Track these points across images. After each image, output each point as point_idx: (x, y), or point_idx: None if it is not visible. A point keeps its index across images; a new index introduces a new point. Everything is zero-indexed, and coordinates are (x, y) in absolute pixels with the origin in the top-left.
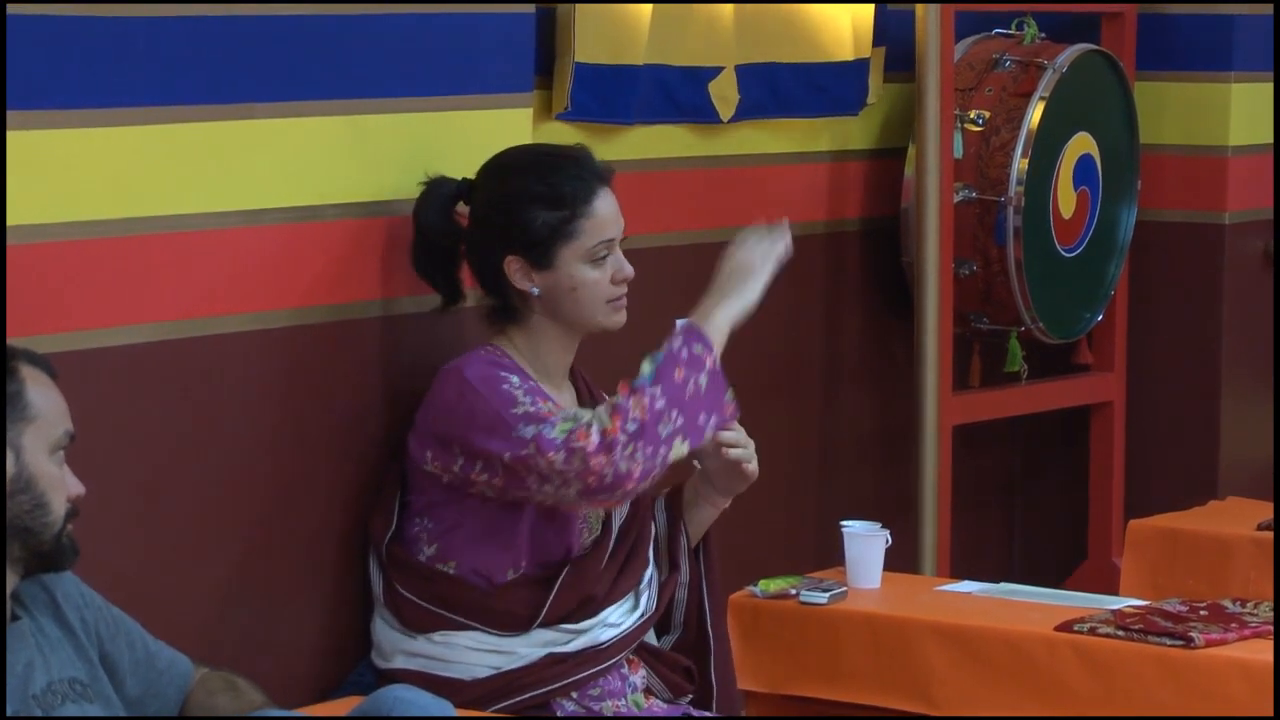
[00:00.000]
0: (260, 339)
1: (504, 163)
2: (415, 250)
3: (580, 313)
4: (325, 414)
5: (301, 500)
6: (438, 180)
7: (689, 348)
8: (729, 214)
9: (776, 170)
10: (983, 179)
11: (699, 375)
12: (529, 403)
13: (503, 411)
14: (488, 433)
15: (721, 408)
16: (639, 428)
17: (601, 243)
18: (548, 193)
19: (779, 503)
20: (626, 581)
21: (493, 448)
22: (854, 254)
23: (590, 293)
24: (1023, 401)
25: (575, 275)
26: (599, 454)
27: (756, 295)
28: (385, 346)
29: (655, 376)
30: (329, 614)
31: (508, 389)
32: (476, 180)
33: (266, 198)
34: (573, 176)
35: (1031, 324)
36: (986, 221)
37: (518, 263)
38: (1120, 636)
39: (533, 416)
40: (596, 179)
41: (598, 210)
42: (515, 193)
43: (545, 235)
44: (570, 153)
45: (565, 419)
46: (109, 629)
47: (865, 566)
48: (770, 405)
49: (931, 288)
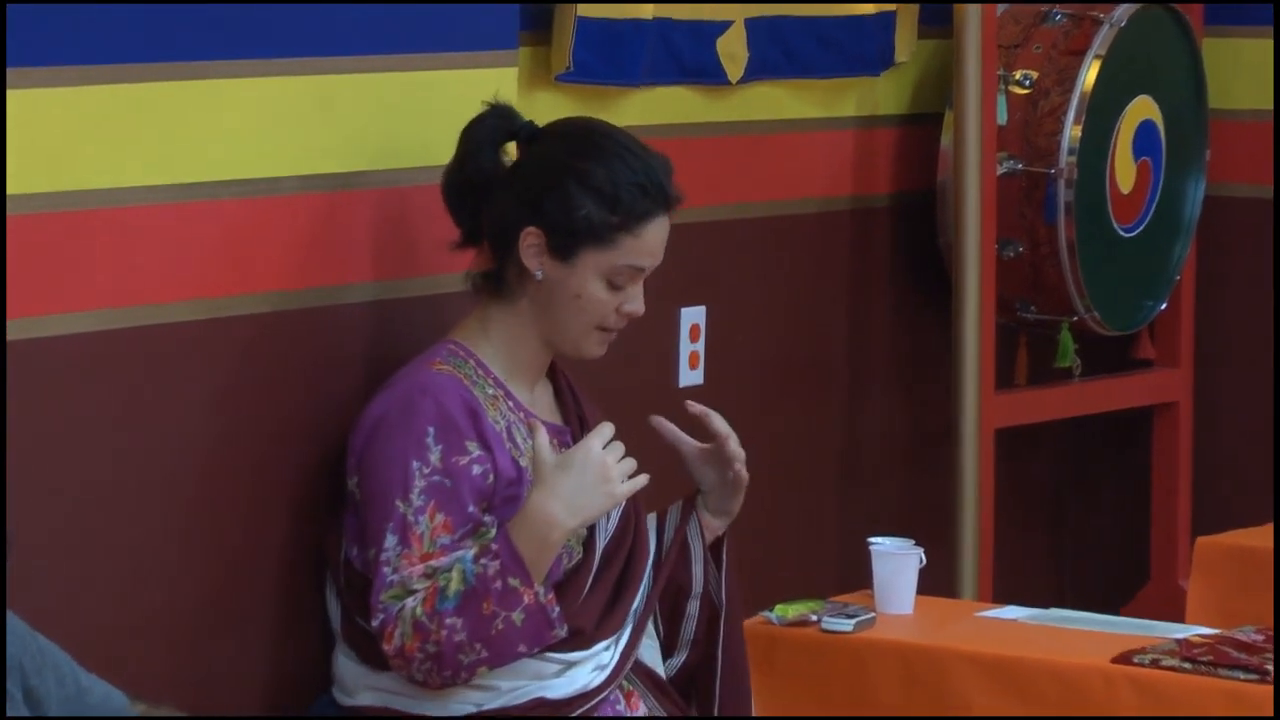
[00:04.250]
0: (211, 330)
1: (580, 130)
2: (450, 173)
3: (567, 325)
4: (285, 415)
5: (259, 513)
6: (503, 110)
7: (504, 578)
8: (741, 187)
9: (794, 138)
10: (1030, 148)
11: (512, 613)
12: (419, 501)
13: (390, 491)
14: (367, 498)
15: (546, 636)
16: (437, 652)
17: (631, 267)
18: (608, 188)
19: (797, 517)
20: (620, 610)
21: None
22: (883, 234)
23: (589, 311)
24: (1075, 402)
25: (586, 285)
26: (395, 658)
27: (601, 512)
28: (355, 339)
29: (459, 603)
30: (287, 640)
31: (415, 467)
32: (542, 130)
33: (216, 169)
34: (641, 186)
35: (1085, 313)
36: (1034, 197)
37: (536, 237)
38: (1187, 670)
39: (401, 530)
40: (662, 201)
41: (646, 234)
42: (576, 168)
43: (580, 228)
44: (653, 160)
45: (401, 585)
46: (34, 662)
47: (896, 589)
48: (787, 406)
49: (971, 272)
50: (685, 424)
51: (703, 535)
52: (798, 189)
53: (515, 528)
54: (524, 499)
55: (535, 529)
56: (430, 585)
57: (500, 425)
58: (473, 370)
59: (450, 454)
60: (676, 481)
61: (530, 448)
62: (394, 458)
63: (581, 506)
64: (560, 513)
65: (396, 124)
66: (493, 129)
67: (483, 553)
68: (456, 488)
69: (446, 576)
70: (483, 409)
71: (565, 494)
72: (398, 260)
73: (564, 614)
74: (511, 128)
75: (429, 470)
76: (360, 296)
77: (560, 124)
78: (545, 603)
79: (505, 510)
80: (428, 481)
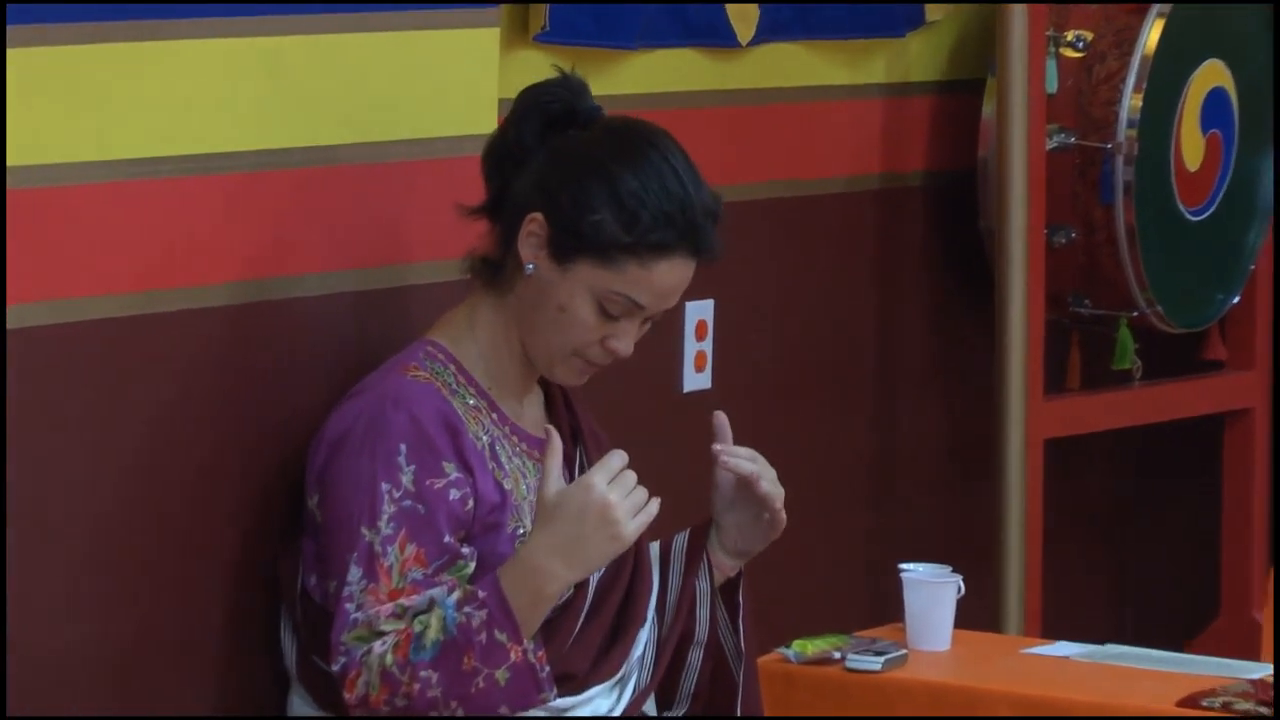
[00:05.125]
0: (152, 328)
1: (634, 132)
2: (493, 135)
3: (543, 336)
4: (239, 424)
5: (207, 534)
6: (574, 84)
7: (490, 631)
8: (753, 165)
9: (813, 108)
10: (1084, 120)
11: (496, 670)
12: (388, 529)
13: (355, 517)
14: (328, 522)
15: (533, 699)
16: (407, 707)
17: (626, 299)
18: (631, 203)
19: (818, 540)
20: (618, 652)
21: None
22: (916, 218)
23: (569, 331)
24: (1136, 408)
25: (574, 299)
26: (358, 708)
27: (605, 560)
28: (320, 337)
29: (437, 654)
30: (235, 678)
31: (383, 490)
32: (602, 118)
33: (156, 144)
34: (669, 215)
35: (1147, 308)
36: (1089, 175)
37: (540, 227)
38: (1263, 714)
39: (367, 561)
40: (690, 241)
41: (657, 271)
42: (607, 169)
43: (586, 233)
44: (700, 193)
45: (367, 626)
46: None
47: (931, 622)
48: (807, 416)
49: (1017, 262)
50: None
51: (711, 574)
52: (818, 167)
53: (507, 575)
54: (516, 535)
55: (529, 579)
56: (403, 629)
57: (483, 442)
58: (452, 377)
59: (424, 475)
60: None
61: (517, 468)
62: (360, 478)
63: (582, 556)
64: (556, 563)
65: (364, 91)
66: (549, 100)
67: (467, 599)
68: (431, 514)
69: (424, 621)
70: (463, 423)
71: (563, 541)
72: (369, 247)
73: (553, 657)
74: (573, 106)
75: (399, 494)
76: (326, 288)
77: (620, 119)
78: (535, 661)
79: (486, 540)
80: (398, 507)
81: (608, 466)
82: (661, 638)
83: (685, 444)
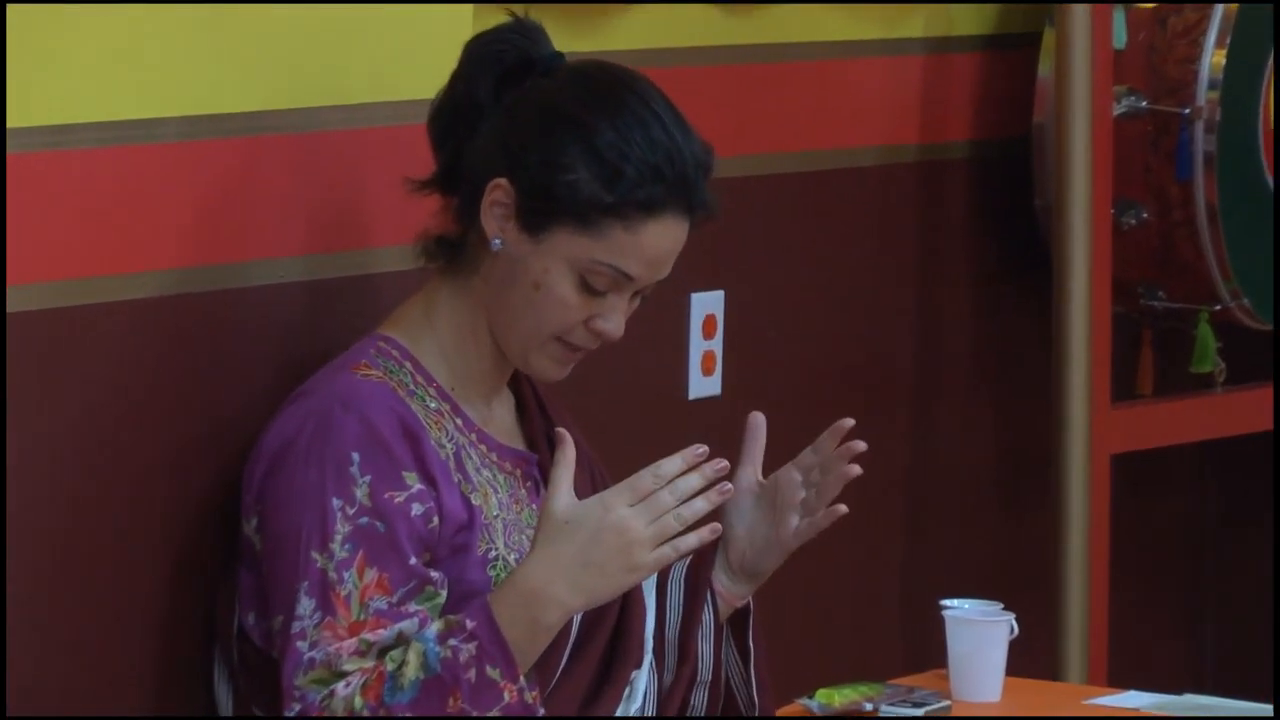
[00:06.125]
0: (70, 322)
1: (608, 77)
2: (441, 94)
3: (516, 321)
4: (170, 434)
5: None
6: (528, 27)
7: (481, 666)
8: (770, 133)
9: (841, 67)
10: (1157, 81)
11: (487, 712)
12: (343, 552)
13: (303, 540)
14: (271, 548)
15: None
16: None
17: (613, 269)
18: (613, 157)
19: (848, 572)
20: (609, 695)
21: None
22: (960, 194)
23: (546, 312)
24: (1218, 419)
25: (550, 274)
26: None
27: (617, 592)
28: (263, 333)
29: (418, 694)
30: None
31: (335, 507)
32: (565, 65)
33: (72, 109)
34: (657, 168)
35: (1231, 300)
36: (1163, 145)
37: (505, 194)
38: None
39: (320, 591)
40: (682, 197)
41: (647, 234)
42: (582, 120)
43: (561, 196)
44: (690, 143)
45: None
46: None
47: (978, 669)
48: None
49: (1079, 246)
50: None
51: (715, 604)
52: (846, 135)
53: (501, 601)
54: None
55: (526, 606)
56: (373, 667)
57: (446, 451)
58: (409, 377)
59: (382, 487)
60: None
61: (486, 481)
62: (306, 494)
63: (590, 584)
64: (560, 588)
65: (313, 47)
66: (501, 50)
67: (451, 631)
68: (392, 533)
69: (397, 658)
70: (423, 429)
71: (569, 563)
72: (320, 230)
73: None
74: (530, 53)
75: (354, 510)
76: (270, 276)
77: (588, 63)
78: (530, 702)
79: (452, 565)
80: (353, 525)
81: (634, 487)
82: (664, 686)
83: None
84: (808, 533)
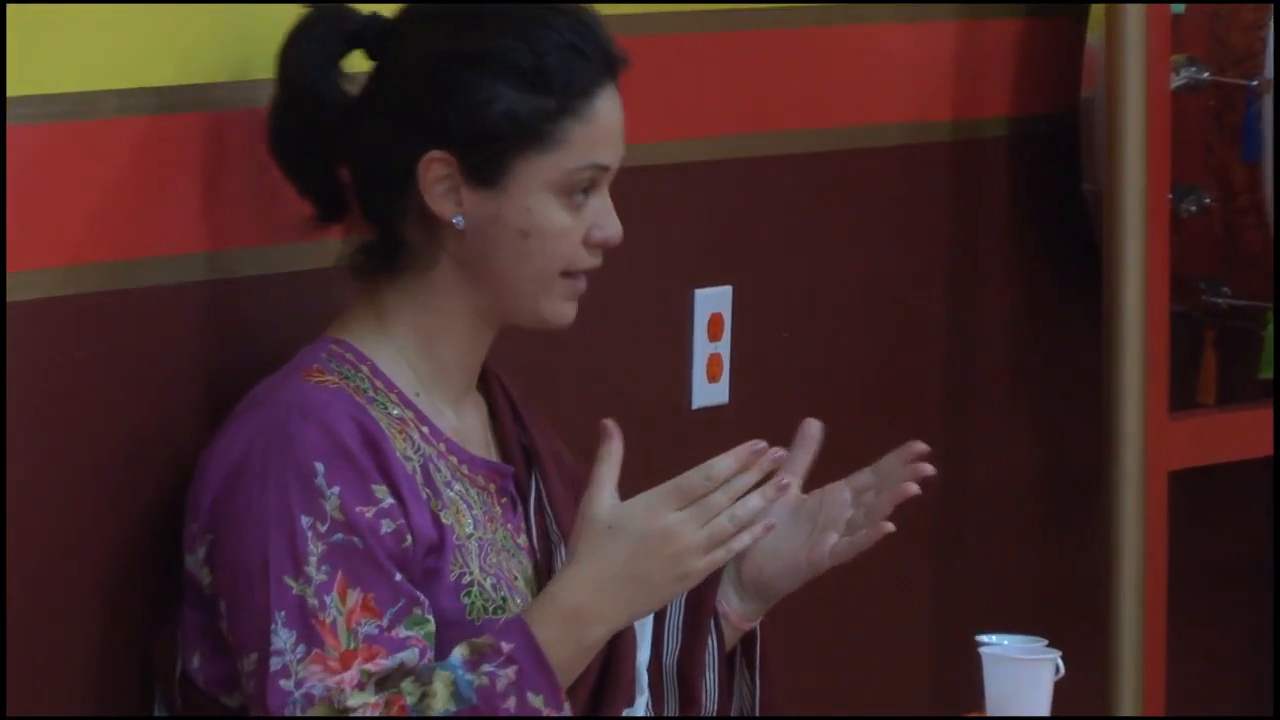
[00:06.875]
0: None
1: (458, 4)
2: (275, 118)
3: (518, 280)
4: (97, 451)
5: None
6: (332, 10)
7: (522, 692)
8: (780, 110)
9: (862, 33)
10: (1220, 50)
11: None
12: (320, 575)
13: (272, 565)
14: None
15: None
16: None
17: (590, 166)
18: (528, 61)
19: (873, 602)
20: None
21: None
22: (1000, 178)
23: (547, 248)
24: None
25: (534, 210)
26: None
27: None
28: (200, 335)
29: None
30: None
31: (305, 525)
32: (397, 22)
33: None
34: (574, 47)
35: None
36: (1227, 122)
37: (444, 165)
38: None
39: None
40: (604, 64)
41: (599, 113)
42: (469, 50)
43: (504, 130)
44: (570, 10)
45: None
46: None
47: (1020, 710)
48: (854, 439)
49: (1133, 236)
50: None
51: (719, 630)
52: (869, 112)
53: (540, 621)
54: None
55: (570, 625)
56: (385, 701)
57: (413, 464)
58: (366, 382)
59: (352, 500)
60: None
61: (458, 497)
62: (270, 515)
63: (636, 596)
64: (603, 602)
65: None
66: (322, 40)
67: (484, 655)
68: (370, 548)
69: (414, 690)
70: (386, 439)
71: (615, 574)
72: (263, 218)
73: None
74: (349, 30)
75: (326, 526)
76: (206, 272)
77: (419, 6)
78: None
79: (423, 590)
80: (327, 544)
81: (682, 489)
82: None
83: None
84: (845, 554)
